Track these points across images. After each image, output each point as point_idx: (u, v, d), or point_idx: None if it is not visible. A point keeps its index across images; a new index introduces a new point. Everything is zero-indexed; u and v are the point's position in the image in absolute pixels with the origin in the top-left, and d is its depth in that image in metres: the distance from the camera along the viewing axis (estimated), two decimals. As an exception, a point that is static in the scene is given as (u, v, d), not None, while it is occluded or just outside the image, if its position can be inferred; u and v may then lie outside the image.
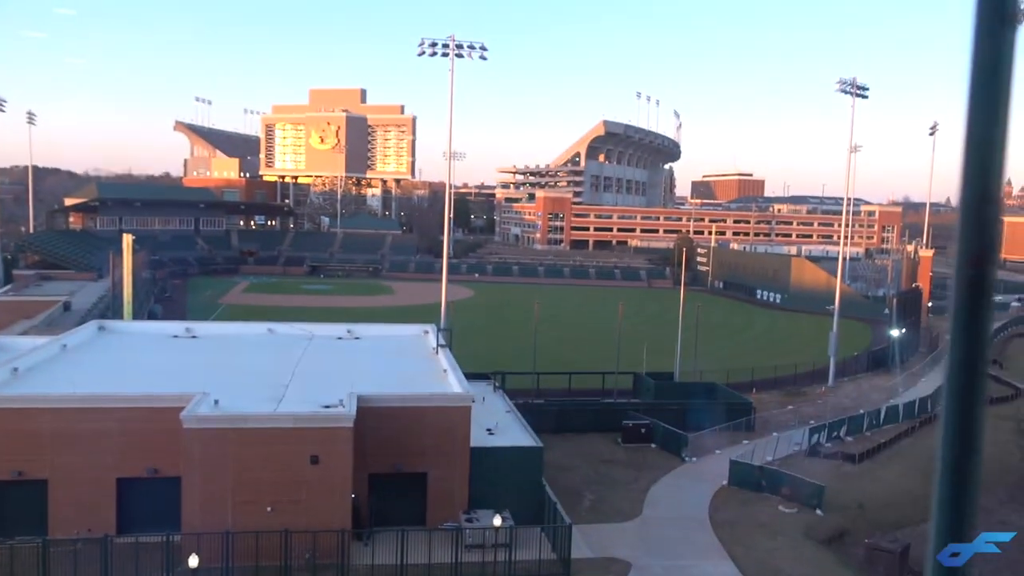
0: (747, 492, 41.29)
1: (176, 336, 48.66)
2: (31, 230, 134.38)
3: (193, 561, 26.66)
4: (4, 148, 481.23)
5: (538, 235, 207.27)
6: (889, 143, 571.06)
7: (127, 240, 68.27)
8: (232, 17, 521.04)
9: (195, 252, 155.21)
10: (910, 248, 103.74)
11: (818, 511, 38.76)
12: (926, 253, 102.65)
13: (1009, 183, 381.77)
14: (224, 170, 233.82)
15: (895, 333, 77.65)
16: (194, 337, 48.66)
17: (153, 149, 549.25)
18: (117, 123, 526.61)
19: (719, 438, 49.62)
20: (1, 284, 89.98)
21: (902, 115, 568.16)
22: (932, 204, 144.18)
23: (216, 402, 31.39)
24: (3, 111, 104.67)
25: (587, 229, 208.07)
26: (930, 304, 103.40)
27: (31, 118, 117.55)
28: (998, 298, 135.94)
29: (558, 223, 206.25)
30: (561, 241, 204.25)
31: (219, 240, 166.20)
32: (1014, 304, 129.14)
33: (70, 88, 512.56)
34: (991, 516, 37.15)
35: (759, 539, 35.65)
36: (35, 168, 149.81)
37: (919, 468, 45.41)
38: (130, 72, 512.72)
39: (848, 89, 71.17)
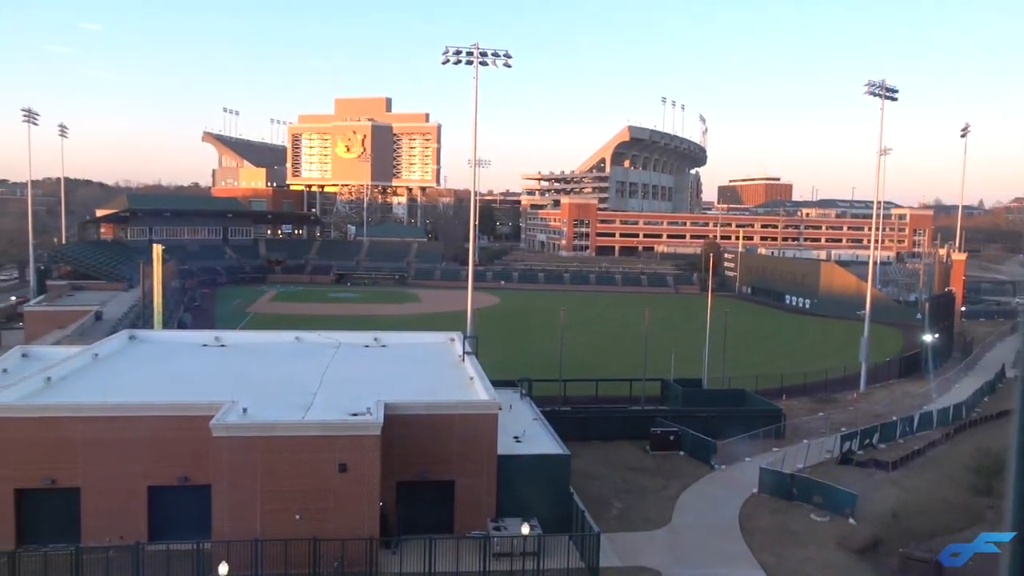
0: (778, 500, 40.76)
1: (205, 345, 49.13)
2: (63, 241, 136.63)
3: (223, 569, 26.77)
4: (37, 160, 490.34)
5: (564, 241, 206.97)
6: (919, 145, 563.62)
7: (157, 250, 69.11)
8: (258, 28, 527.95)
9: (223, 261, 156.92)
10: (942, 252, 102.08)
11: (851, 520, 38.13)
12: (959, 257, 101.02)
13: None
14: (252, 180, 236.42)
15: (928, 338, 76.45)
16: (223, 346, 49.08)
17: (182, 160, 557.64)
18: (146, 134, 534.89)
19: (748, 445, 49.07)
20: (35, 294, 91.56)
21: (933, 116, 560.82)
22: (964, 206, 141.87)
23: (245, 410, 31.57)
24: (36, 124, 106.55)
25: (613, 235, 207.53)
26: (963, 308, 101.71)
27: (63, 131, 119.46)
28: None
29: (584, 229, 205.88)
30: (587, 247, 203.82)
31: (247, 249, 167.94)
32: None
33: (99, 101, 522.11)
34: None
35: (790, 548, 35.13)
36: (67, 180, 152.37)
37: (954, 476, 44.59)
38: (158, 84, 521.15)
39: (877, 91, 70.27)
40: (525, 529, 31.05)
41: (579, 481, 39.59)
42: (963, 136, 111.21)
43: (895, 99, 71.17)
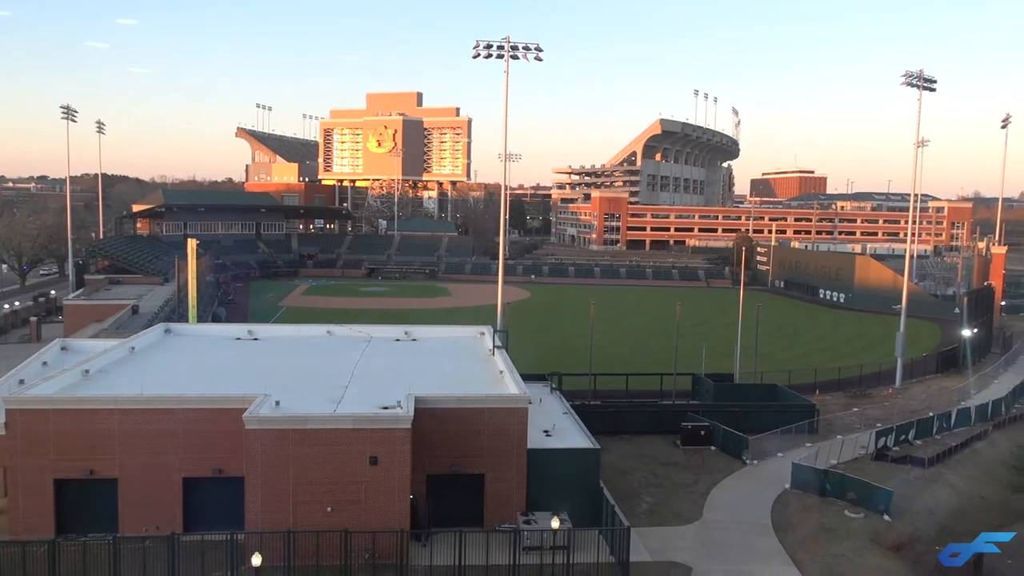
0: (811, 496, 40.27)
1: (239, 338, 49.70)
2: (101, 236, 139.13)
3: (256, 560, 27.10)
4: (75, 157, 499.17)
5: (594, 235, 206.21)
6: (958, 136, 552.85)
7: (191, 245, 70.04)
8: (290, 24, 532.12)
9: (257, 256, 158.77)
10: (981, 245, 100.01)
11: (886, 517, 37.57)
12: (999, 250, 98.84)
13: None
14: (284, 175, 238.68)
15: (966, 333, 75.02)
16: (256, 339, 49.63)
17: (216, 155, 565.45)
18: (181, 131, 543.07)
19: (781, 441, 48.54)
20: (74, 288, 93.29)
21: (972, 107, 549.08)
22: (1004, 199, 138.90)
23: (277, 403, 31.91)
24: (75, 121, 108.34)
25: (644, 229, 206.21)
26: (1003, 303, 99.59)
27: (100, 127, 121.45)
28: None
29: (614, 223, 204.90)
30: (617, 241, 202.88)
31: (280, 244, 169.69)
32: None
33: (135, 97, 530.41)
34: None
35: (824, 545, 34.71)
36: (104, 176, 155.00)
37: (992, 473, 43.75)
38: (192, 80, 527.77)
39: (915, 82, 68.92)
40: (555, 523, 31.02)
41: (609, 475, 39.48)
42: (1004, 127, 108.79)
43: (933, 90, 69.77)
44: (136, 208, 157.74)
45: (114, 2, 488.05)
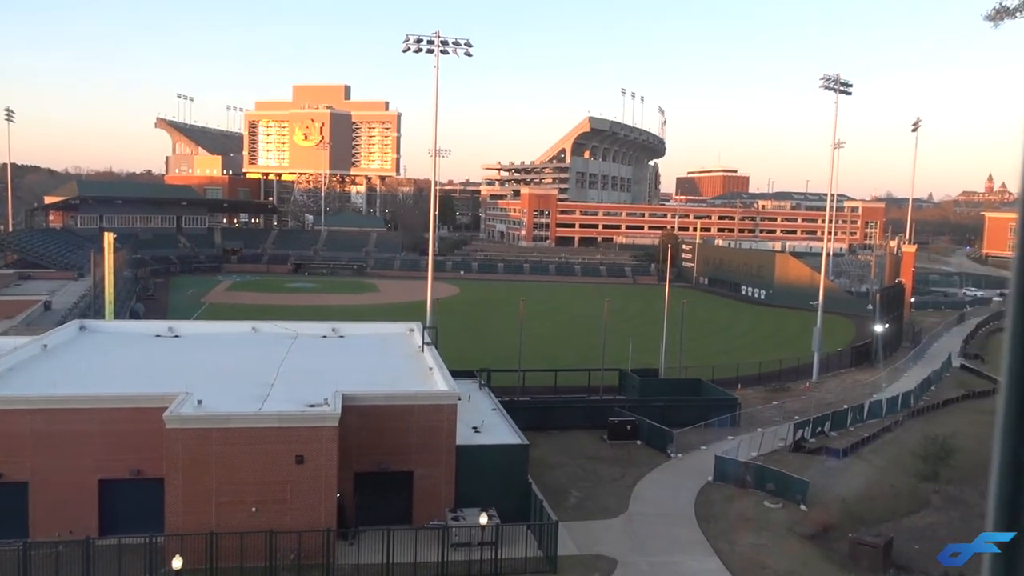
0: (732, 488, 41.45)
1: (159, 335, 48.23)
2: (10, 229, 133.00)
3: (177, 563, 26.44)
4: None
5: (523, 232, 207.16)
6: (872, 138, 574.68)
7: (108, 238, 67.60)
8: (216, 12, 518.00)
9: (177, 250, 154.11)
10: (893, 244, 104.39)
11: (802, 506, 38.94)
12: (909, 249, 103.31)
13: (990, 178, 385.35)
14: (207, 167, 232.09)
15: (879, 328, 78.17)
16: (177, 336, 48.26)
17: (134, 147, 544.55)
18: (98, 120, 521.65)
19: (704, 434, 49.80)
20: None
21: (884, 110, 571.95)
22: (914, 200, 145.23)
23: (199, 402, 31.14)
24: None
25: (573, 226, 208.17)
26: (913, 300, 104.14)
27: (9, 115, 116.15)
28: (978, 293, 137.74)
29: (543, 220, 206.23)
30: (547, 238, 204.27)
31: (202, 238, 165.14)
32: (996, 299, 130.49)
33: (50, 84, 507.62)
34: (972, 510, 37.43)
35: (744, 534, 35.78)
36: (14, 166, 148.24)
37: (901, 463, 45.76)
38: (111, 69, 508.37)
39: (832, 85, 71.45)
40: (483, 519, 31.16)
41: (537, 471, 39.83)
42: (914, 131, 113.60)
43: (849, 93, 72.50)
44: (48, 200, 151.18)
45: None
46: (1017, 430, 2.30)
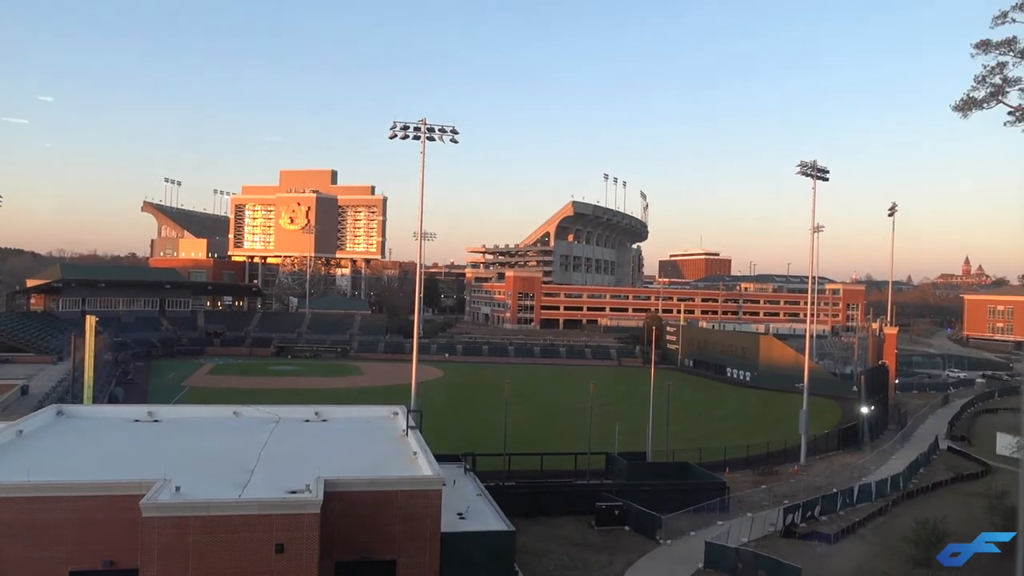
0: (723, 575, 40.50)
1: (137, 420, 47.31)
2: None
3: (148, 660, 25.27)
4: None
5: (508, 314, 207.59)
6: (850, 222, 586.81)
7: (90, 322, 67.09)
8: (204, 98, 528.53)
9: (159, 333, 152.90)
10: (875, 326, 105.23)
11: (796, 594, 38.02)
12: (891, 330, 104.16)
13: (967, 261, 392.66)
14: (192, 250, 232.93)
15: (864, 410, 78.05)
16: (156, 421, 47.35)
17: (120, 230, 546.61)
18: (84, 204, 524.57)
19: (693, 519, 48.92)
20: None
21: (862, 195, 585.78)
22: (894, 282, 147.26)
23: (178, 488, 30.30)
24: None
25: (557, 308, 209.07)
26: (897, 381, 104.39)
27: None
28: (961, 374, 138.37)
29: (528, 302, 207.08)
30: (531, 320, 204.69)
31: (185, 321, 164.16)
32: (979, 380, 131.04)
33: (41, 171, 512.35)
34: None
35: (737, 625, 34.77)
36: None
37: (893, 548, 45.00)
38: (100, 154, 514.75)
39: (809, 171, 73.23)
40: (469, 610, 30.15)
41: (524, 558, 38.85)
42: (891, 215, 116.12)
43: (826, 179, 74.23)
44: (31, 283, 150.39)
45: (39, 79, 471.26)
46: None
